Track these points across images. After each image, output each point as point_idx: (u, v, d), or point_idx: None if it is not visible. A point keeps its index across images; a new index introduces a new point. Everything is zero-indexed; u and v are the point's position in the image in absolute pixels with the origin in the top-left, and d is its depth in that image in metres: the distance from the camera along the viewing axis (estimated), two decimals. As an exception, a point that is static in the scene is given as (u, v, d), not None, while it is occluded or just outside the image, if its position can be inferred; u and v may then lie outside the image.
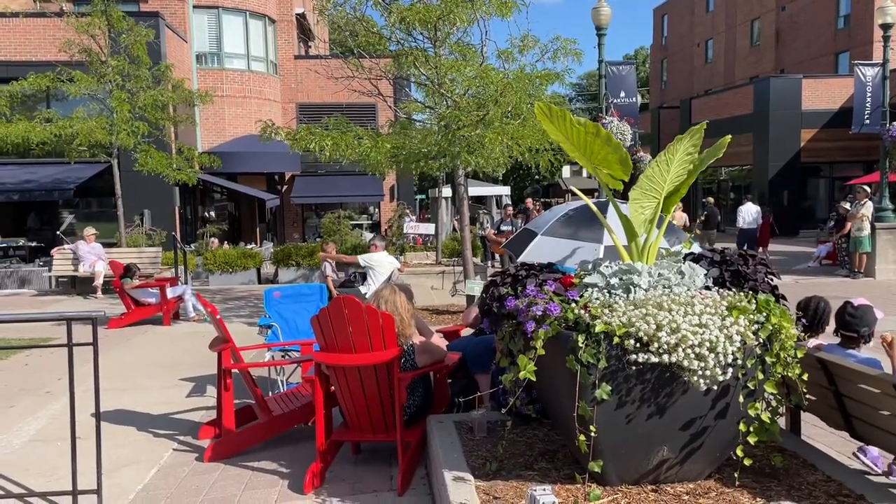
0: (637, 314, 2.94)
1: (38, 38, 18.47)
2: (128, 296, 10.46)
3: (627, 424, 3.09)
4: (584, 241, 4.23)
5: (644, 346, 2.94)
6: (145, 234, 17.98)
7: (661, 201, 3.40)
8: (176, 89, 15.66)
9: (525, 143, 8.91)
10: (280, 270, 16.55)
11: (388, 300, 4.34)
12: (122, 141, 14.05)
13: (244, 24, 23.56)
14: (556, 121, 3.49)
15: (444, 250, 17.37)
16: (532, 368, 3.06)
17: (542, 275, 3.46)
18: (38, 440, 5.37)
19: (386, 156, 8.67)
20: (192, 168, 16.25)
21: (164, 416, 5.94)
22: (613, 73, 15.98)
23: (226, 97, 22.53)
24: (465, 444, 3.93)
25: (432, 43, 8.94)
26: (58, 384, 6.99)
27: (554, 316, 3.12)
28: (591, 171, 3.62)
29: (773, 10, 35.93)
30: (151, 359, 8.15)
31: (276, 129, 9.09)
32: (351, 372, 4.21)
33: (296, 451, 4.94)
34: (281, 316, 6.48)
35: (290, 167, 24.00)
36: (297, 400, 5.23)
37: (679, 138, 3.31)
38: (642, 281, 3.20)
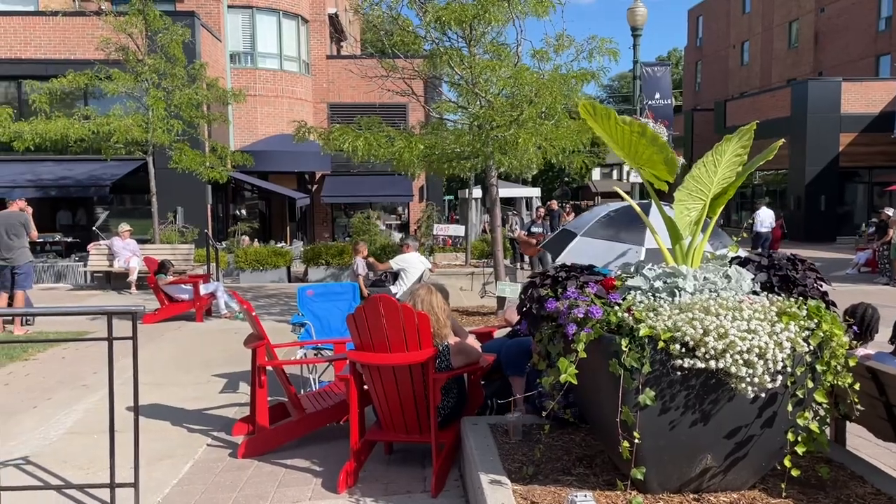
0: (683, 318, 2.87)
1: (76, 36, 18.79)
2: (161, 292, 10.57)
3: (671, 431, 3.02)
4: (625, 242, 4.16)
5: (690, 352, 2.87)
6: (178, 231, 18.20)
7: (708, 203, 3.32)
8: (210, 88, 15.85)
9: (559, 143, 8.82)
10: (310, 269, 16.64)
11: (424, 300, 4.30)
12: (157, 138, 14.24)
13: (277, 24, 23.75)
14: (600, 119, 3.43)
15: (472, 251, 17.32)
16: (573, 372, 3.00)
17: (582, 276, 3.40)
18: (75, 432, 5.43)
19: (418, 156, 8.64)
20: (225, 166, 16.44)
21: (198, 411, 5.98)
22: (648, 74, 15.81)
23: (258, 96, 22.73)
24: (501, 447, 3.88)
25: (466, 42, 8.90)
26: (93, 377, 7.08)
27: (596, 319, 3.06)
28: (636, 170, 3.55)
29: (811, 12, 35.30)
30: (185, 354, 8.23)
31: (310, 129, 9.12)
32: (385, 371, 4.18)
33: (328, 450, 4.93)
34: (313, 314, 6.49)
35: (320, 166, 24.13)
36: (330, 398, 5.22)
37: (728, 138, 3.22)
38: (687, 284, 3.12)
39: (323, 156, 23.44)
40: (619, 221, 4.33)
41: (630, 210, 4.43)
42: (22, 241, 9.49)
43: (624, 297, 3.21)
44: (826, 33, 34.50)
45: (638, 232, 4.16)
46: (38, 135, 13.79)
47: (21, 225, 9.45)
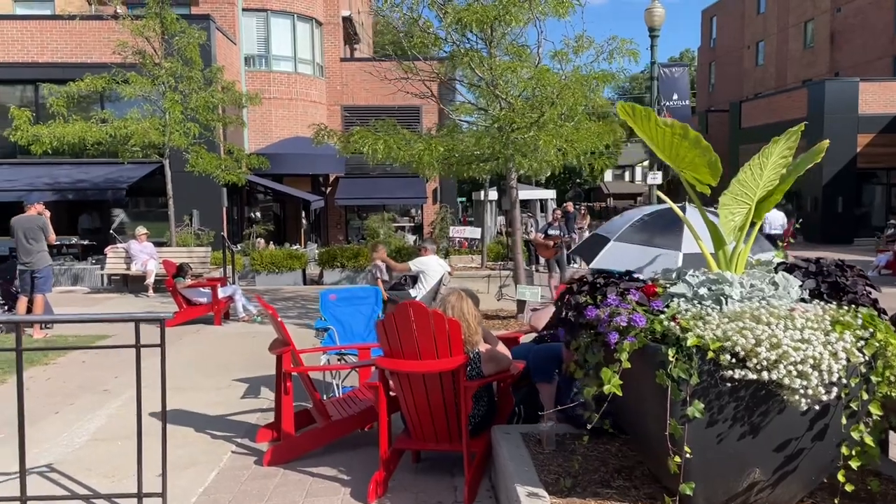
0: (733, 327, 2.77)
1: (92, 40, 18.85)
2: (180, 295, 10.55)
3: (718, 444, 2.92)
4: (661, 247, 4.06)
5: (740, 362, 2.77)
6: (194, 233, 18.22)
7: (753, 207, 3.22)
8: (226, 91, 15.85)
9: (580, 146, 8.72)
10: (325, 271, 16.61)
11: (455, 306, 4.22)
12: (174, 141, 14.25)
13: (292, 27, 23.77)
14: (640, 121, 3.34)
15: (488, 254, 17.24)
16: (617, 382, 2.91)
17: (622, 283, 3.31)
18: (99, 439, 5.38)
19: (438, 158, 8.57)
20: (241, 169, 16.43)
21: (221, 417, 5.92)
22: (666, 75, 15.69)
23: (273, 99, 22.74)
24: (535, 457, 3.79)
25: (486, 44, 8.81)
26: (115, 382, 7.05)
27: (640, 327, 2.97)
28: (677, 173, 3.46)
29: (827, 12, 34.97)
30: (204, 358, 8.18)
31: (329, 132, 9.06)
32: (415, 379, 4.10)
33: (355, 457, 4.85)
34: (336, 318, 6.43)
35: (334, 169, 24.13)
36: (356, 404, 5.15)
37: (775, 140, 3.13)
38: (734, 292, 3.02)
39: (337, 158, 23.39)
40: (653, 226, 4.22)
41: (664, 214, 4.33)
42: (41, 244, 9.48)
43: (667, 304, 3.11)
44: (842, 33, 34.17)
45: (674, 236, 4.06)
46: (56, 138, 13.82)
47: (39, 229, 9.45)
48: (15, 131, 14.03)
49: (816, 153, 3.18)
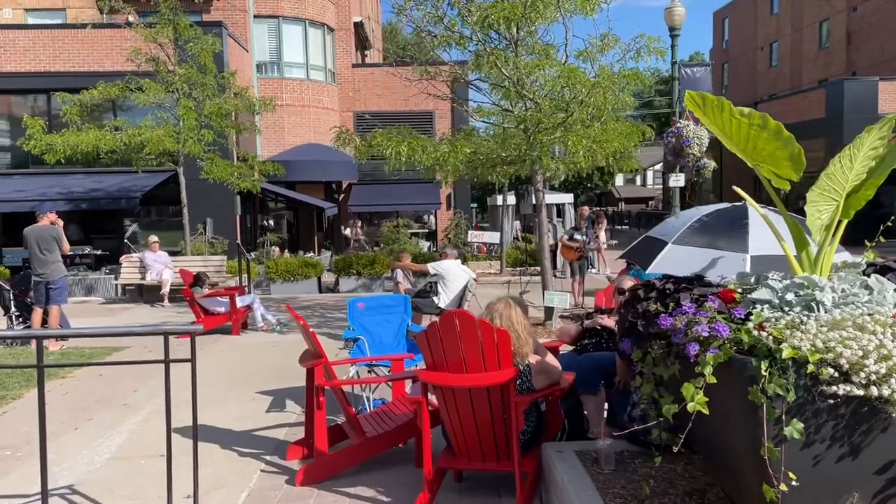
0: (835, 337, 2.48)
1: (104, 48, 18.75)
2: (197, 305, 10.31)
3: (814, 467, 2.62)
4: (725, 250, 3.77)
5: (843, 376, 2.48)
6: (208, 242, 18.05)
7: (841, 204, 2.93)
8: (239, 97, 15.67)
9: (609, 146, 8.44)
10: (341, 279, 16.38)
11: (503, 314, 3.94)
12: (189, 149, 14.06)
13: (303, 34, 23.63)
14: (711, 112, 3.06)
15: (507, 259, 16.95)
16: (703, 400, 2.62)
17: (696, 289, 3.02)
18: (121, 458, 5.13)
19: (463, 161, 8.31)
20: (254, 176, 16.23)
21: (246, 432, 5.66)
22: (687, 74, 15.38)
23: (285, 106, 22.58)
24: (595, 478, 3.51)
25: (512, 43, 8.55)
26: (134, 395, 6.81)
27: (724, 338, 2.68)
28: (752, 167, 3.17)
29: (843, 11, 34.57)
30: (225, 370, 7.93)
31: (350, 136, 8.83)
32: (461, 394, 3.83)
33: (391, 477, 4.58)
34: (364, 328, 6.16)
35: (347, 176, 23.94)
36: (391, 419, 4.87)
37: (868, 129, 2.84)
38: (826, 297, 2.73)
39: (350, 165, 23.28)
40: (714, 226, 3.94)
41: (725, 213, 4.05)
42: (55, 255, 9.27)
43: (749, 312, 2.82)
44: (859, 33, 33.75)
45: (739, 238, 3.77)
46: (69, 146, 13.66)
47: (53, 239, 9.23)
48: (28, 140, 13.89)
49: (909, 144, 2.89)
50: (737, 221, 3.89)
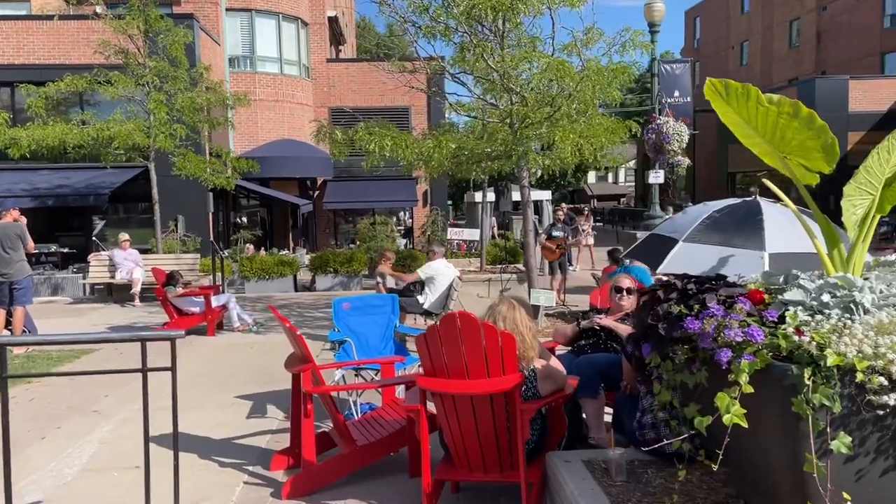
0: (885, 343, 2.29)
1: (70, 40, 18.16)
2: (170, 305, 9.93)
3: (857, 482, 2.44)
4: (740, 248, 3.58)
5: (893, 385, 2.29)
6: (180, 239, 17.57)
7: (878, 198, 2.75)
8: (212, 91, 15.24)
9: (597, 141, 8.26)
10: (317, 277, 16.04)
11: (507, 316, 3.70)
12: (160, 144, 13.61)
13: (277, 27, 23.17)
14: (735, 100, 2.86)
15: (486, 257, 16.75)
16: (740, 412, 2.42)
17: (721, 289, 2.82)
18: (92, 469, 4.81)
19: (448, 156, 8.06)
20: (226, 172, 15.80)
21: (226, 441, 5.36)
22: (667, 71, 15.31)
23: (258, 101, 22.10)
24: (608, 491, 3.30)
25: (496, 35, 8.32)
26: (105, 402, 6.46)
27: (759, 343, 2.48)
28: (771, 161, 2.98)
29: (813, 11, 34.95)
30: (201, 374, 7.59)
31: (331, 130, 8.53)
32: (462, 401, 3.59)
33: (384, 488, 4.32)
34: (350, 329, 5.89)
35: (322, 172, 23.57)
36: (382, 426, 4.62)
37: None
38: (865, 298, 2.55)
39: (325, 161, 22.89)
40: (726, 223, 3.76)
41: (737, 209, 3.87)
42: (19, 254, 8.84)
43: (781, 314, 2.63)
44: (828, 32, 34.15)
45: (755, 235, 3.59)
46: (35, 141, 13.13)
47: (17, 237, 8.79)
48: (-9, 134, 13.34)
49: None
50: (750, 218, 3.72)
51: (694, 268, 3.47)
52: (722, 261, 3.57)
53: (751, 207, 3.83)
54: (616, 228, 33.68)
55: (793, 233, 3.62)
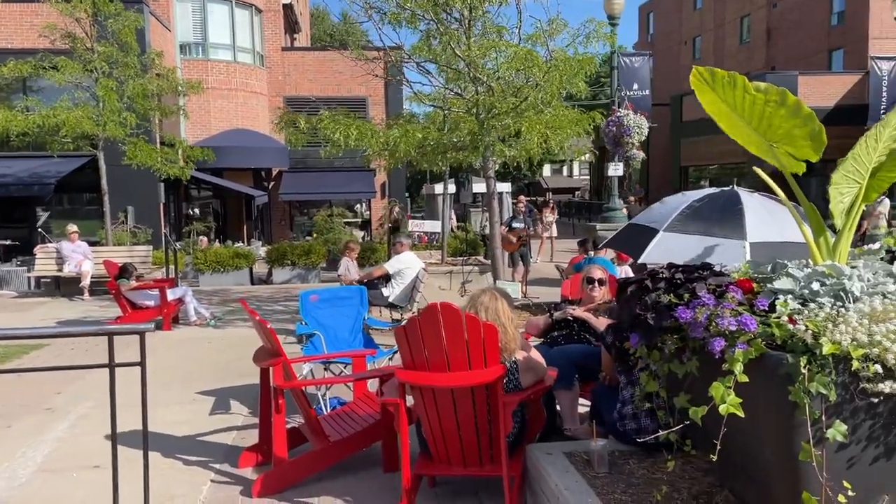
0: (880, 331, 2.29)
1: (13, 23, 17.43)
2: (124, 298, 9.60)
3: (848, 470, 2.44)
4: (721, 237, 3.58)
5: (888, 372, 2.29)
6: (130, 231, 17.06)
7: (864, 186, 2.76)
8: (165, 77, 14.77)
9: (563, 132, 8.25)
10: (274, 270, 15.75)
11: (489, 307, 3.63)
12: (110, 132, 13.13)
13: (230, 14, 22.64)
14: (721, 88, 2.84)
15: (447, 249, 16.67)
16: (736, 401, 2.39)
17: (710, 278, 2.80)
18: (48, 470, 4.59)
19: (414, 146, 7.94)
20: (179, 162, 15.36)
21: (190, 438, 5.18)
22: (626, 64, 15.44)
23: (211, 89, 21.54)
24: (592, 483, 3.26)
25: (461, 24, 8.22)
26: (58, 399, 6.19)
27: (753, 332, 2.46)
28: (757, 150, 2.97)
29: (763, 7, 35.74)
30: (158, 369, 7.32)
31: (294, 118, 8.33)
32: (442, 394, 3.51)
33: (359, 484, 4.22)
34: (318, 322, 5.74)
35: (277, 163, 23.16)
36: (354, 421, 4.52)
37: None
38: (854, 286, 2.55)
39: (280, 151, 22.49)
40: (706, 213, 3.75)
41: (716, 198, 3.87)
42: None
43: (771, 302, 2.61)
44: (778, 29, 34.97)
45: (735, 224, 3.59)
46: (-26, 128, 12.56)
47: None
48: (-73, 121, 12.70)
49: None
50: (730, 207, 3.72)
51: (675, 257, 3.45)
52: (703, 250, 3.56)
53: (730, 197, 3.84)
54: (573, 221, 33.99)
55: (771, 222, 3.64)
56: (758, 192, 4.04)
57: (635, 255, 3.83)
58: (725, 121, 2.99)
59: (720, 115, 3.02)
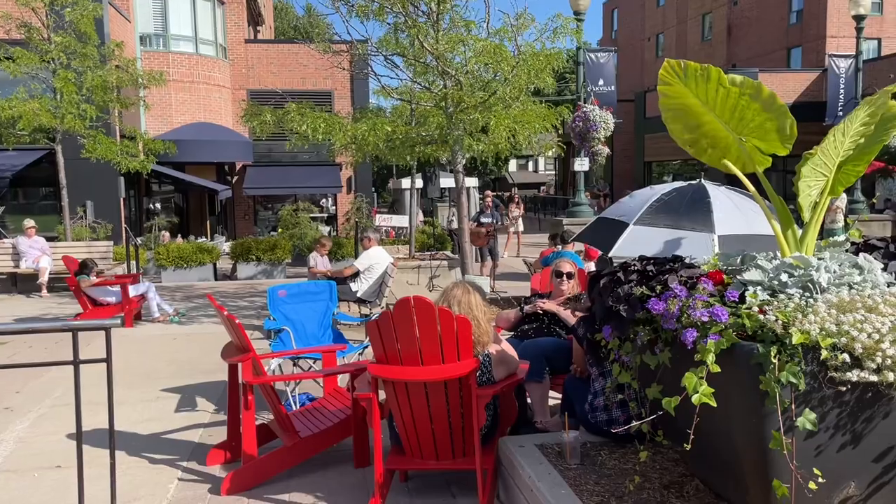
0: (848, 320, 2.33)
1: (-35, 13, 16.86)
2: (84, 295, 9.39)
3: (817, 457, 2.49)
4: (690, 230, 3.62)
5: (855, 361, 2.34)
6: (89, 226, 16.69)
7: (831, 180, 2.81)
8: (124, 69, 14.45)
9: (531, 127, 8.27)
10: (239, 265, 15.56)
11: (462, 301, 3.62)
12: (68, 125, 12.80)
13: (191, 4, 22.22)
14: (693, 81, 2.87)
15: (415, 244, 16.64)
16: (709, 391, 2.42)
17: (682, 270, 2.83)
18: (9, 470, 4.46)
19: (383, 140, 7.89)
20: (137, 155, 15.03)
21: (156, 436, 5.09)
22: (592, 60, 15.54)
23: (172, 82, 21.08)
24: (564, 474, 3.28)
25: (428, 17, 8.18)
26: (17, 399, 6.02)
27: (724, 323, 2.49)
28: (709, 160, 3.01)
29: (724, 5, 36.33)
30: (122, 366, 7.16)
31: (262, 110, 8.20)
32: (415, 388, 3.50)
33: (330, 480, 4.19)
34: (286, 318, 5.68)
35: (241, 157, 22.84)
36: (325, 416, 4.48)
37: (868, 101, 2.72)
38: (822, 277, 2.60)
39: (244, 145, 22.19)
40: (675, 206, 3.79)
41: (684, 192, 3.92)
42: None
43: (741, 294, 2.65)
44: (739, 26, 35.58)
45: (703, 217, 3.64)
46: (-74, 120, 12.14)
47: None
48: None
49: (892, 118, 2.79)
50: (699, 201, 3.77)
51: (645, 250, 3.48)
52: (673, 243, 3.60)
53: (698, 190, 3.89)
54: (539, 216, 34.18)
55: (738, 215, 3.70)
56: (724, 185, 4.11)
57: (606, 249, 3.86)
58: (689, 118, 3.02)
59: (684, 110, 3.05)
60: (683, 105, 3.06)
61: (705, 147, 3.17)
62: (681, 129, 3.21)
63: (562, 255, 7.48)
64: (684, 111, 3.09)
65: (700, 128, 3.09)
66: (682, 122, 3.16)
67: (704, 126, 3.09)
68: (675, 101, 3.08)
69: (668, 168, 32.54)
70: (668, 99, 3.11)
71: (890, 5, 30.99)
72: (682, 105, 3.07)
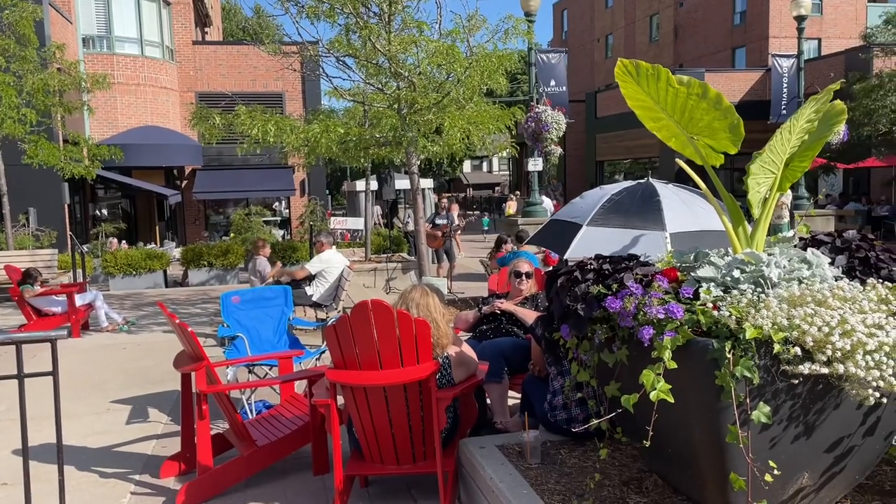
0: (799, 314, 2.38)
1: None
2: (28, 305, 9.08)
3: (770, 450, 2.53)
4: (642, 229, 3.66)
5: (806, 354, 2.39)
6: (32, 234, 16.14)
7: (779, 176, 2.87)
8: (67, 72, 14.03)
9: (484, 128, 8.29)
10: (190, 272, 15.25)
11: (420, 303, 3.60)
12: (8, 130, 12.37)
13: (136, 5, 21.72)
14: (646, 81, 2.90)
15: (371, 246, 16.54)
16: (666, 387, 2.44)
17: (638, 268, 2.85)
18: (-51, 492, 4.28)
19: (336, 142, 7.81)
20: (82, 161, 14.61)
21: (106, 449, 4.94)
22: (543, 61, 15.66)
23: (117, 84, 20.60)
24: (525, 474, 3.28)
25: (380, 18, 8.13)
26: (-42, 415, 5.79)
27: (679, 319, 2.52)
28: (676, 144, 3.05)
29: (671, 6, 37.06)
30: (69, 379, 6.94)
31: (209, 114, 8.04)
32: (374, 393, 3.46)
33: (288, 488, 4.12)
34: (240, 324, 5.57)
35: (190, 160, 22.41)
36: (282, 424, 4.41)
37: (813, 98, 2.78)
38: (772, 273, 2.65)
39: (193, 149, 21.77)
40: (626, 206, 3.83)
41: (633, 192, 3.96)
42: None
43: (696, 290, 2.69)
44: (685, 27, 36.34)
45: (654, 216, 3.68)
46: None
47: None
48: None
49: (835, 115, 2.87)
50: (648, 199, 3.81)
51: (600, 250, 3.50)
52: (626, 242, 3.64)
53: (647, 189, 3.94)
54: (493, 216, 34.33)
55: (687, 212, 3.76)
56: (671, 182, 4.17)
57: (561, 251, 3.88)
58: (647, 114, 3.06)
59: (642, 109, 3.08)
60: (643, 102, 3.09)
61: (669, 137, 3.19)
62: (648, 119, 3.23)
63: (520, 254, 7.52)
64: (646, 107, 3.12)
65: (659, 121, 3.13)
66: (649, 115, 3.18)
67: (661, 121, 3.13)
68: (634, 100, 3.11)
69: (620, 167, 33.04)
70: (629, 97, 3.13)
71: (829, 6, 32.02)
72: (642, 102, 3.09)
